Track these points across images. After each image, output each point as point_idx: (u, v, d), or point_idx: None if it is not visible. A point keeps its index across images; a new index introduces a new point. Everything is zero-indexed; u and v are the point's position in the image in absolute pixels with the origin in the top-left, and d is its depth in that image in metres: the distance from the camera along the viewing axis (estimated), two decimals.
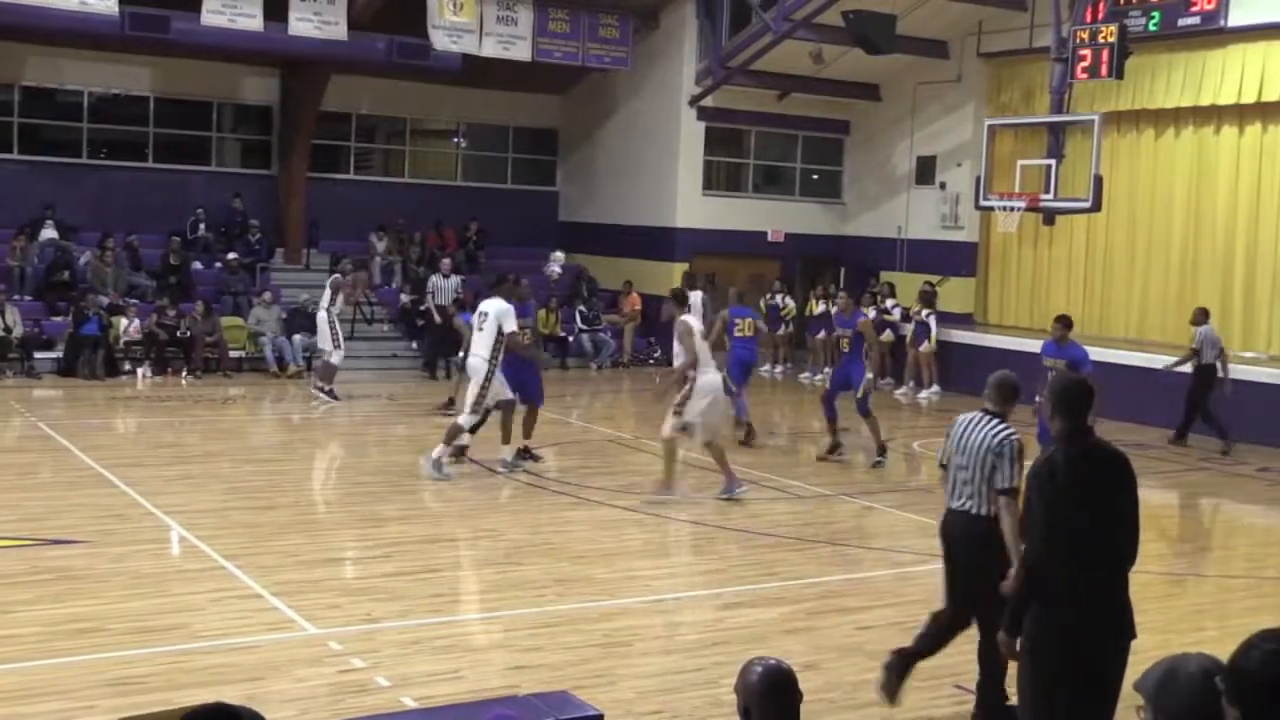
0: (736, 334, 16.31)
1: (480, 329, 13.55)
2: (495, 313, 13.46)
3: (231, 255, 22.89)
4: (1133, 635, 5.65)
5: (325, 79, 23.34)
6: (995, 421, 6.96)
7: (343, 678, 7.54)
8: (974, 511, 6.97)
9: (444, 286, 21.94)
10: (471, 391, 13.51)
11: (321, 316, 18.68)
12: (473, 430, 13.79)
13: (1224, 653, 3.04)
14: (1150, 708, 3.26)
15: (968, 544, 7.06)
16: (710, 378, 12.69)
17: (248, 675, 7.49)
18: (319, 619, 8.60)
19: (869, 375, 15.03)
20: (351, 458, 15.26)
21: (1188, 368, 17.24)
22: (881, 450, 15.14)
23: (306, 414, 18.36)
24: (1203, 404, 16.97)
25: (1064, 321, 13.75)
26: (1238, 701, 2.89)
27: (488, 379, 13.37)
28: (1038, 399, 13.38)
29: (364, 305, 22.42)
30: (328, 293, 18.72)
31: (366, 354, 22.18)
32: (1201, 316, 17.63)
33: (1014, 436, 6.90)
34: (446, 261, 22.55)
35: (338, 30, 21.58)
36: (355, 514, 12.02)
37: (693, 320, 13.40)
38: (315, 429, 17.64)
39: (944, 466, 7.32)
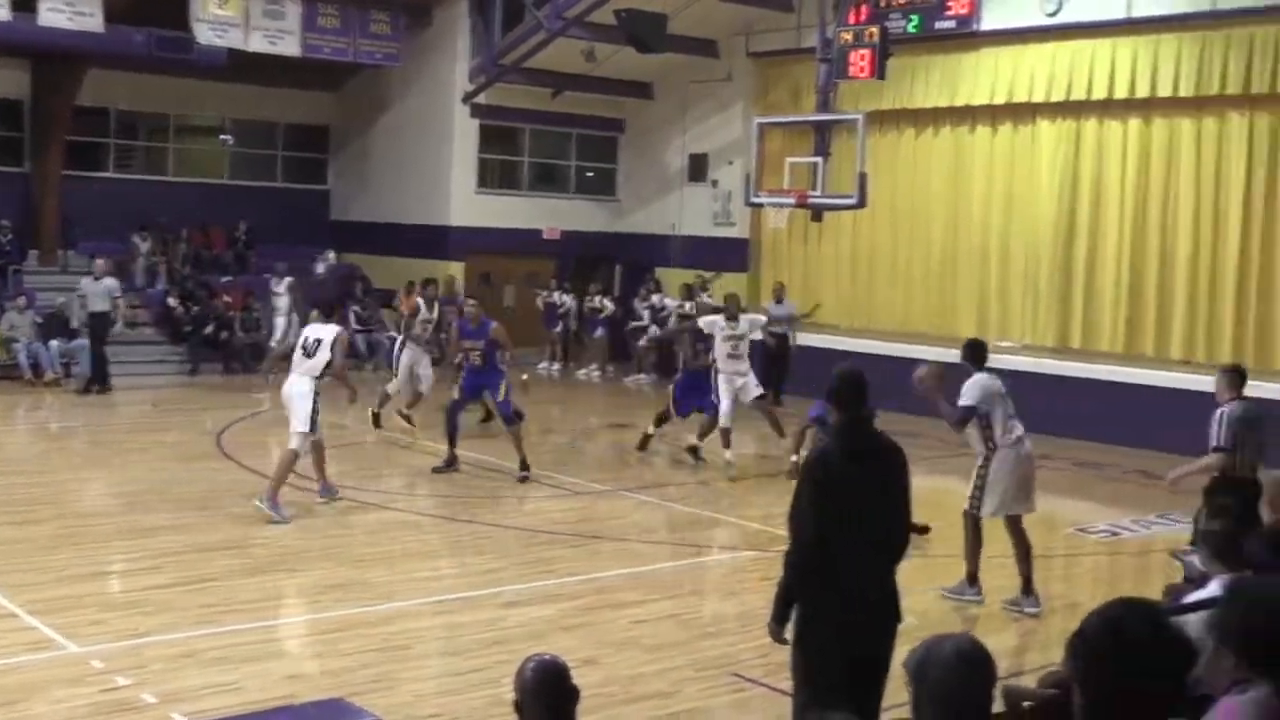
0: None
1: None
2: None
3: None
4: (900, 619, 5.85)
5: (81, 73, 22.37)
6: None
7: (105, 696, 7.25)
8: None
9: (95, 291, 19.81)
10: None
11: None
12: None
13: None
14: (913, 684, 3.42)
15: None
16: None
17: (2, 699, 7.13)
18: (80, 636, 8.26)
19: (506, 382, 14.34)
20: (117, 467, 14.68)
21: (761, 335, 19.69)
22: (524, 465, 14.10)
23: (65, 423, 17.60)
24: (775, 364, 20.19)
25: None
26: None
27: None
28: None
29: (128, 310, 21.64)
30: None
31: (131, 359, 21.38)
32: (780, 291, 22.17)
33: None
34: (100, 262, 20.39)
35: (93, 22, 20.68)
36: (121, 525, 11.57)
37: None
38: (76, 438, 16.92)
39: None
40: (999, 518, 9.83)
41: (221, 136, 26.67)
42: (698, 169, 25.06)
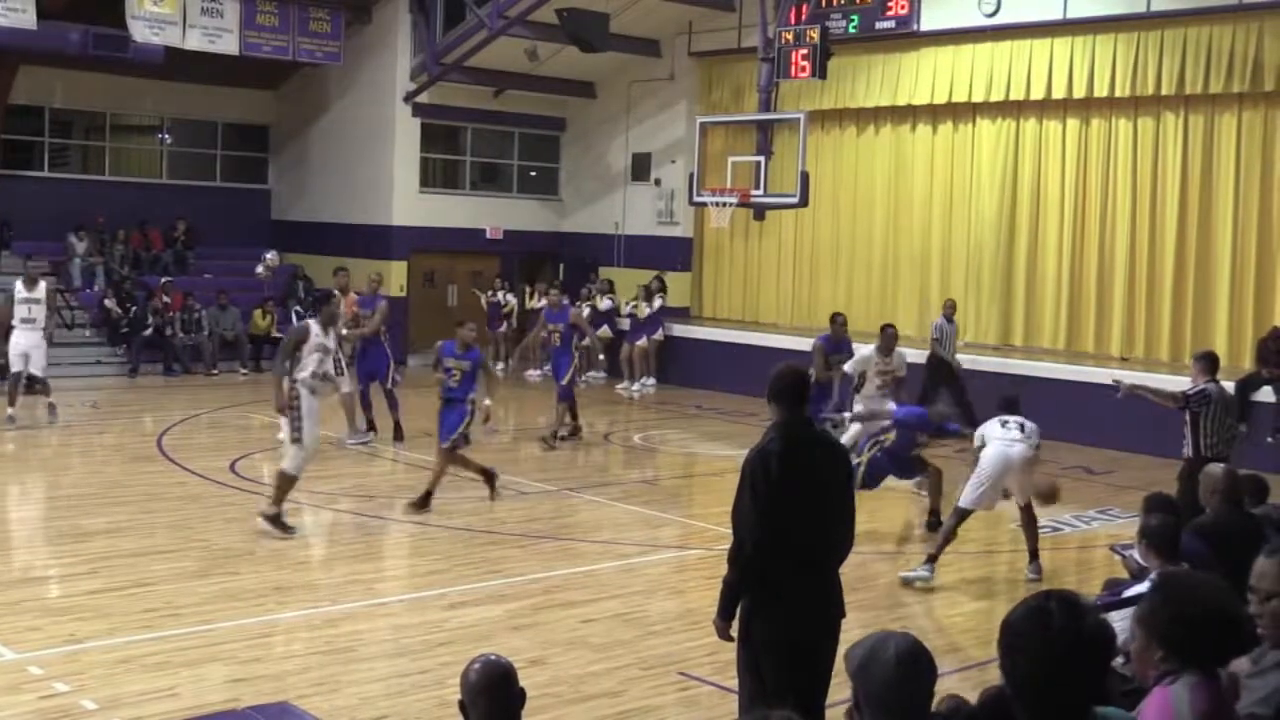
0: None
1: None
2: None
3: None
4: (842, 614, 5.87)
5: (13, 70, 22.04)
6: None
7: (45, 704, 7.14)
8: None
9: None
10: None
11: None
12: None
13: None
14: (854, 683, 3.44)
15: None
16: None
17: None
18: (17, 643, 8.12)
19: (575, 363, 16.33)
20: (54, 470, 14.47)
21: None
22: (575, 432, 16.46)
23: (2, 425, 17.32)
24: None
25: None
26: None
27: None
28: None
29: (63, 310, 21.31)
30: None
31: (69, 361, 21.09)
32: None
33: None
34: None
35: (25, 19, 20.34)
36: (57, 529, 11.40)
37: None
38: (12, 442, 16.63)
39: None
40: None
41: (159, 135, 26.34)
42: (640, 168, 25.06)
